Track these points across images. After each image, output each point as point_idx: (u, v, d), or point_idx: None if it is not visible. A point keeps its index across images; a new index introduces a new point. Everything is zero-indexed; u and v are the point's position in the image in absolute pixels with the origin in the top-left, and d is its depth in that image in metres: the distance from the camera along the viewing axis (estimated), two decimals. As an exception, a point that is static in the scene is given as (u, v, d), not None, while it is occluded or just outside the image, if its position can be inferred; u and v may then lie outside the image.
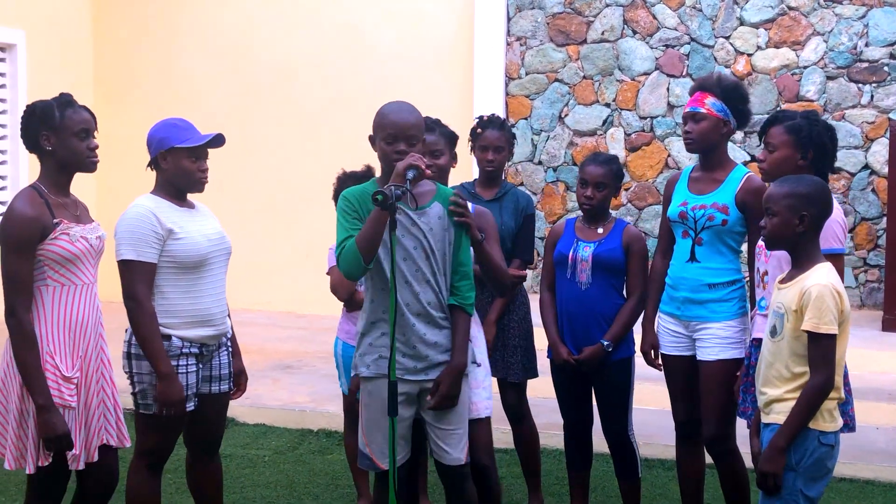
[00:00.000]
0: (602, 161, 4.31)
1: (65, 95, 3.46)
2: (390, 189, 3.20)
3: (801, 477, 3.19)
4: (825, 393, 3.15)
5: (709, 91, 4.08)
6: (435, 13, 9.18)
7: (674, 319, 4.16)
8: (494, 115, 4.70)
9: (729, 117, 4.08)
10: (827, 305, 3.12)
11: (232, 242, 3.89)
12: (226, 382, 3.86)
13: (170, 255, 3.60)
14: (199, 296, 3.67)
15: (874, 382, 6.36)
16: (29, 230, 3.28)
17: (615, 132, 8.87)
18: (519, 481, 5.12)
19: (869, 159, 8.26)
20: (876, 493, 5.05)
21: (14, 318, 3.27)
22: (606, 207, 4.34)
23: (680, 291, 4.11)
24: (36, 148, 3.43)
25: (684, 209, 4.10)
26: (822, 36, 8.36)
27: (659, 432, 5.38)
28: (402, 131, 3.43)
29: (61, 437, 3.27)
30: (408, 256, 3.43)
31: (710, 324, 4.03)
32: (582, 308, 4.24)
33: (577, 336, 4.26)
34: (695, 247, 4.07)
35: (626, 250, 4.24)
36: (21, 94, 9.14)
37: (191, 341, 3.65)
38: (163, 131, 3.68)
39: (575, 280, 4.25)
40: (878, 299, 8.17)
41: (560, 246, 4.33)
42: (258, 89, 9.54)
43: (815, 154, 3.78)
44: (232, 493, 5.00)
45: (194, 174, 3.67)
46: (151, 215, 3.57)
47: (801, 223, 3.23)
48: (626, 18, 8.81)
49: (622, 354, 4.26)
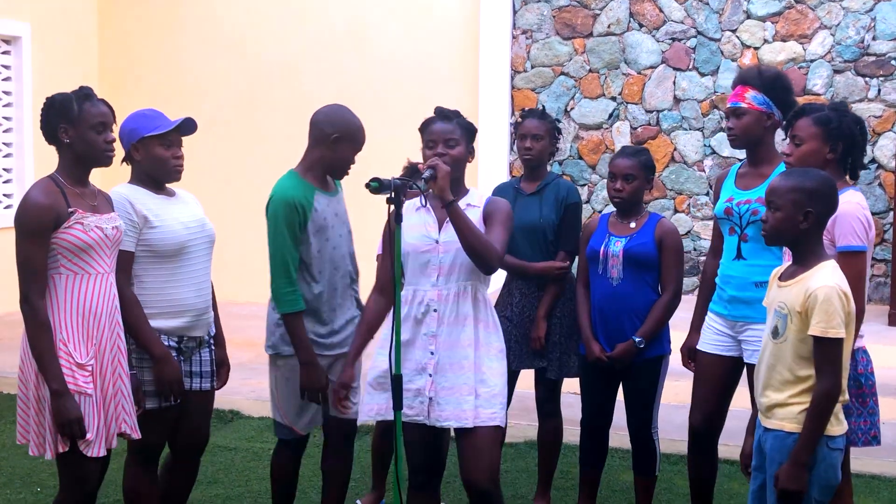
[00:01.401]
0: (630, 153, 4.27)
1: (84, 89, 3.49)
2: (395, 181, 3.31)
3: (815, 486, 3.08)
4: (834, 398, 3.04)
5: (749, 84, 3.96)
6: (440, 6, 9.16)
7: (721, 319, 4.02)
8: (538, 108, 4.74)
9: (772, 109, 3.95)
10: (835, 308, 3.00)
11: (237, 235, 3.88)
12: (207, 380, 3.86)
13: (146, 244, 3.62)
14: (178, 285, 3.68)
15: (880, 377, 6.26)
16: (43, 218, 3.31)
17: (621, 126, 8.86)
18: (524, 475, 5.12)
19: (876, 153, 8.23)
20: (882, 488, 5.04)
21: (28, 305, 3.30)
22: (638, 201, 4.26)
23: (727, 290, 3.98)
24: (54, 140, 3.45)
25: (730, 205, 3.98)
26: (830, 29, 8.33)
27: (666, 427, 5.36)
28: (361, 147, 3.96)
29: (73, 422, 3.29)
30: (344, 238, 3.97)
31: (757, 325, 3.81)
32: (614, 304, 4.18)
33: (611, 332, 4.20)
34: (741, 244, 3.95)
35: (659, 245, 4.17)
36: (26, 87, 9.15)
37: (168, 333, 3.67)
38: (132, 122, 3.71)
39: (607, 276, 4.20)
40: (884, 294, 8.15)
41: (592, 241, 4.28)
42: (264, 83, 9.54)
43: (844, 147, 3.61)
44: (237, 486, 5.01)
45: (168, 162, 3.69)
46: (127, 202, 3.61)
47: (805, 220, 3.09)
48: (632, 11, 8.79)
49: (654, 353, 4.20)
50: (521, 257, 4.53)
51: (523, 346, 4.55)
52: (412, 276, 3.66)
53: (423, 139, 3.71)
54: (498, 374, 3.63)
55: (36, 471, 5.10)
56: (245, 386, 6.48)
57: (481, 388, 3.58)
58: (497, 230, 3.58)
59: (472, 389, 3.56)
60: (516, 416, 4.77)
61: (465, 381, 3.56)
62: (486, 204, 3.68)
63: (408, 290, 3.66)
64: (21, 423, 3.46)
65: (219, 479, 5.10)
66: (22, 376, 3.42)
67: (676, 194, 8.71)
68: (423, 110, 3.95)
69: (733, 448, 4.79)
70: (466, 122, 3.74)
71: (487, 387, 3.59)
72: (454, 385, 3.57)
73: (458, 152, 3.66)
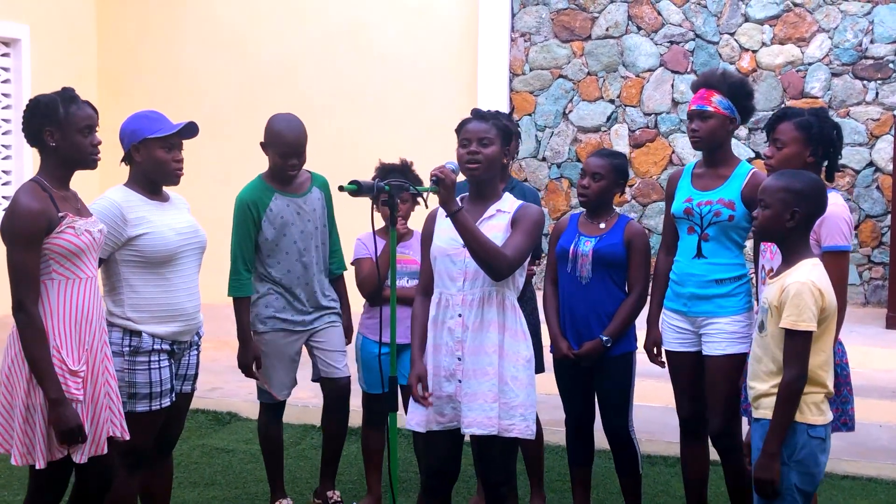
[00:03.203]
0: (604, 154, 4.33)
1: (67, 90, 3.43)
2: (378, 184, 3.44)
3: (793, 471, 3.18)
4: (799, 388, 3.16)
5: (715, 88, 4.06)
6: (439, 8, 9.17)
7: (679, 316, 4.14)
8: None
9: (735, 114, 4.07)
10: (805, 303, 3.13)
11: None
12: (189, 383, 3.88)
13: (136, 250, 3.61)
14: (171, 290, 3.69)
15: (877, 380, 6.34)
16: (36, 223, 3.27)
17: (619, 128, 8.86)
18: (520, 479, 5.12)
19: (874, 156, 8.24)
20: (879, 491, 5.04)
21: (23, 313, 3.26)
22: (606, 201, 4.30)
23: (686, 287, 4.09)
24: (38, 142, 3.40)
25: (689, 205, 4.08)
26: (828, 32, 8.34)
27: (662, 429, 5.38)
28: (294, 150, 4.43)
29: (74, 430, 3.27)
30: (307, 233, 4.45)
31: (718, 319, 4.02)
32: (582, 303, 4.23)
33: (579, 331, 4.25)
34: (701, 242, 4.06)
35: (628, 245, 4.22)
36: (25, 88, 9.15)
37: (161, 337, 3.67)
38: (134, 123, 3.69)
39: (576, 275, 4.25)
40: (882, 296, 8.15)
41: (562, 240, 4.32)
42: (262, 84, 9.54)
43: (823, 151, 3.78)
44: (234, 489, 5.01)
45: (168, 164, 3.68)
46: (118, 211, 3.60)
47: (791, 218, 3.23)
48: (630, 15, 8.80)
49: (622, 350, 4.25)
50: None
51: None
52: (440, 279, 3.65)
53: (459, 139, 3.66)
54: (522, 384, 3.60)
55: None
56: (242, 388, 6.47)
57: (503, 397, 3.56)
58: (517, 237, 3.54)
59: (496, 397, 3.54)
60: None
61: (489, 388, 3.54)
62: (516, 209, 3.63)
63: (436, 294, 3.66)
64: (3, 430, 3.38)
65: (216, 481, 5.10)
66: (7, 383, 3.36)
67: (674, 197, 8.71)
68: (421, 112, 3.97)
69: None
70: (504, 123, 3.68)
71: (508, 397, 3.56)
72: (477, 391, 3.55)
73: (491, 151, 3.58)
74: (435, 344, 3.61)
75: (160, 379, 3.66)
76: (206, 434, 5.80)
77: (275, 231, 4.41)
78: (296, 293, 4.47)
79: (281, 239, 4.42)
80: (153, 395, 3.66)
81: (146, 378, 3.64)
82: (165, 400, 3.69)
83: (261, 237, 4.41)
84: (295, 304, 4.49)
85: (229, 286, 4.41)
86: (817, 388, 3.20)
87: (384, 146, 8.84)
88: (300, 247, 4.45)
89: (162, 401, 3.68)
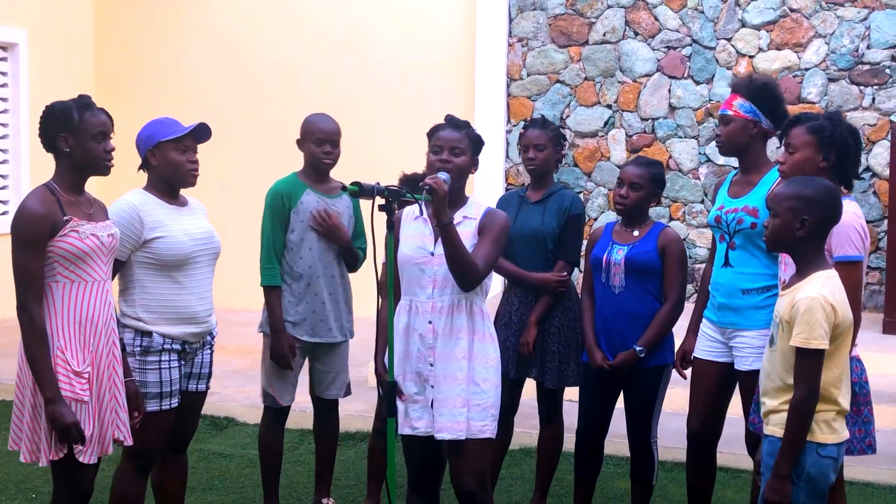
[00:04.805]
0: (643, 163, 4.30)
1: (84, 97, 3.50)
2: (378, 187, 3.41)
3: (802, 490, 3.08)
4: (810, 408, 3.05)
5: (738, 92, 4.00)
6: (437, 14, 9.19)
7: (712, 325, 4.03)
8: (539, 117, 4.81)
9: (759, 117, 3.96)
10: (816, 319, 3.00)
11: (235, 241, 3.92)
12: (204, 382, 3.92)
13: (151, 253, 3.67)
14: (183, 294, 3.73)
15: (874, 385, 6.25)
16: (38, 226, 3.32)
17: (616, 133, 8.88)
18: (519, 482, 5.12)
19: (870, 161, 8.26)
20: (876, 496, 5.04)
21: (25, 313, 3.31)
22: (643, 210, 4.26)
23: (717, 297, 4.00)
24: (52, 148, 3.46)
25: (720, 213, 4.00)
26: (824, 38, 8.36)
27: (662, 434, 5.37)
28: (329, 136, 4.49)
29: (70, 427, 3.29)
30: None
31: (745, 332, 3.90)
32: (616, 312, 4.19)
33: (613, 341, 4.20)
34: (728, 251, 3.97)
35: (662, 253, 4.17)
36: (23, 93, 9.16)
37: (172, 338, 3.72)
38: (149, 129, 3.78)
39: (609, 284, 4.21)
40: (878, 302, 8.17)
41: (596, 249, 4.29)
42: (261, 89, 9.55)
43: (837, 156, 3.61)
44: (232, 493, 5.01)
45: (184, 166, 3.75)
46: (135, 213, 3.66)
47: (801, 227, 3.10)
48: (627, 20, 8.82)
49: (655, 362, 4.20)
50: (521, 264, 4.53)
51: (521, 353, 4.56)
52: (408, 286, 3.66)
53: (430, 144, 3.70)
54: (492, 385, 3.63)
55: (31, 477, 5.10)
56: (240, 393, 6.48)
57: (474, 399, 3.59)
58: (485, 246, 3.58)
59: (465, 401, 3.58)
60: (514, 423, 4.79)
61: (458, 393, 3.58)
62: (483, 216, 3.67)
63: (405, 301, 3.66)
64: (14, 429, 3.46)
65: (213, 486, 5.10)
66: (19, 382, 3.42)
67: (671, 202, 8.73)
68: (419, 117, 3.98)
69: (728, 455, 4.82)
70: (476, 134, 3.73)
71: (479, 399, 3.60)
72: (448, 397, 3.58)
73: (462, 161, 3.64)
74: (407, 351, 3.63)
75: (170, 378, 3.72)
76: (203, 439, 5.80)
77: (301, 225, 4.45)
78: (319, 280, 4.51)
79: (307, 234, 4.46)
80: (163, 394, 3.71)
81: (157, 377, 3.70)
82: (174, 399, 3.75)
83: (289, 230, 4.46)
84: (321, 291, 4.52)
85: (262, 275, 4.46)
86: (829, 405, 3.09)
87: (382, 151, 8.85)
88: (326, 245, 4.49)
89: (171, 400, 3.74)
